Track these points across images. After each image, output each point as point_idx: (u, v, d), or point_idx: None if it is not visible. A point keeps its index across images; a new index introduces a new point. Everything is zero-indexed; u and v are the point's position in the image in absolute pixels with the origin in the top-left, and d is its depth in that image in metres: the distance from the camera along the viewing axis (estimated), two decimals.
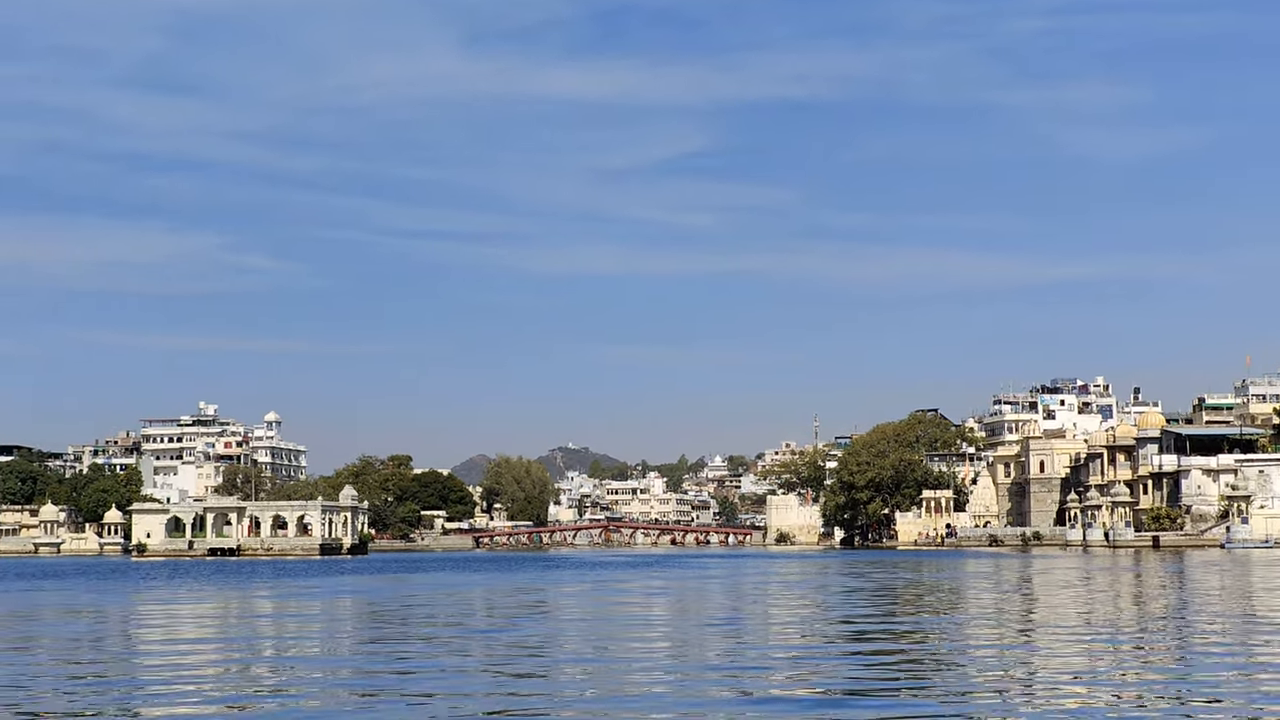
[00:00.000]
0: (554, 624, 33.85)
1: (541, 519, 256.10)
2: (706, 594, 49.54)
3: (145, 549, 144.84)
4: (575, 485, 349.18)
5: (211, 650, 27.06)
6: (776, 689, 19.52)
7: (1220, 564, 78.49)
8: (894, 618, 33.41)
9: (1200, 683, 19.83)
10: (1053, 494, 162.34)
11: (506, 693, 19.24)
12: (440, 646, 26.95)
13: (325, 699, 18.74)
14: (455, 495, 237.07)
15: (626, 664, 23.08)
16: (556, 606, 42.51)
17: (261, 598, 50.32)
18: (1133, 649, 25.43)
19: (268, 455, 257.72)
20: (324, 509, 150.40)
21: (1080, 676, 20.76)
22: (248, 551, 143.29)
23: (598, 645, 27.29)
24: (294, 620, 37.33)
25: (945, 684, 19.82)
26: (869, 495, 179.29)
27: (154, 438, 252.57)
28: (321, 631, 32.88)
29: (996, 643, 26.91)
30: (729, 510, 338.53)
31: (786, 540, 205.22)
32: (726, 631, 30.31)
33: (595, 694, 18.98)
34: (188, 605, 45.15)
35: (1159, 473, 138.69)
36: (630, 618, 36.29)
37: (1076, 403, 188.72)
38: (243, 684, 20.71)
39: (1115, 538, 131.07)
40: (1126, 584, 54.51)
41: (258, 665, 23.76)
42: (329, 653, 26.41)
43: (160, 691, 19.58)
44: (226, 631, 33.24)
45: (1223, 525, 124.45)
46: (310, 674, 22.09)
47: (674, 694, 18.86)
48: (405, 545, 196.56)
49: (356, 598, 49.38)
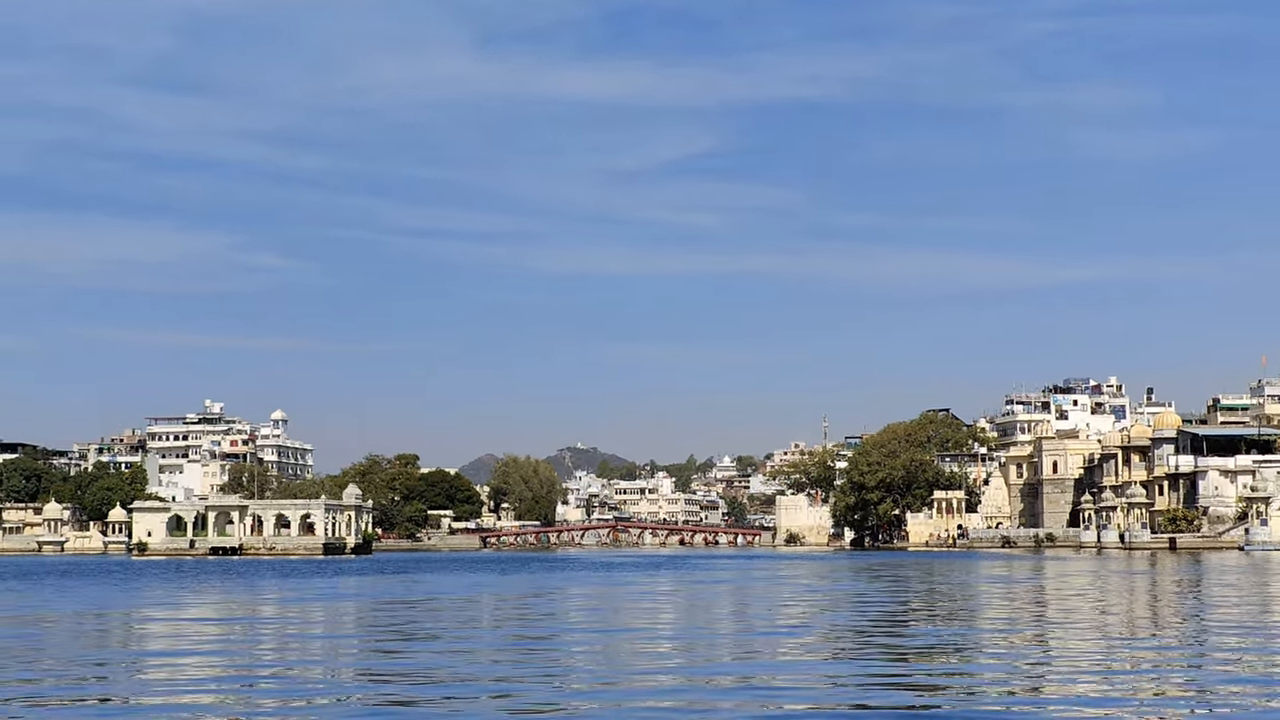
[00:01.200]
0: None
1: (549, 519, 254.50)
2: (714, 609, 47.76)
3: (146, 548, 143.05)
4: (583, 485, 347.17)
5: (162, 669, 25.17)
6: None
7: (1242, 567, 76.51)
8: (928, 659, 31.45)
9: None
10: (1066, 495, 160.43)
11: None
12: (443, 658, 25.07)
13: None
14: (462, 495, 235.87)
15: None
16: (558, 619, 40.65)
17: (249, 601, 48.49)
18: (1186, 667, 23.48)
19: (274, 454, 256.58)
20: (327, 508, 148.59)
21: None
22: (250, 551, 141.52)
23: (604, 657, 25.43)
24: (272, 629, 35.50)
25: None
26: (880, 496, 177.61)
27: (159, 435, 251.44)
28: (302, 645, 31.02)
29: (1019, 660, 24.98)
30: (738, 511, 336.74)
31: (796, 541, 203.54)
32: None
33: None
34: (160, 609, 43.29)
35: (1175, 474, 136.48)
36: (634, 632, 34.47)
37: (1089, 403, 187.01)
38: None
39: (1131, 540, 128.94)
40: (1164, 590, 52.50)
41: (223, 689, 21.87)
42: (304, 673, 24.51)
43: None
44: (179, 643, 31.31)
45: (1241, 527, 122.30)
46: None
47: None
48: (412, 545, 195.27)
49: (348, 601, 47.58)
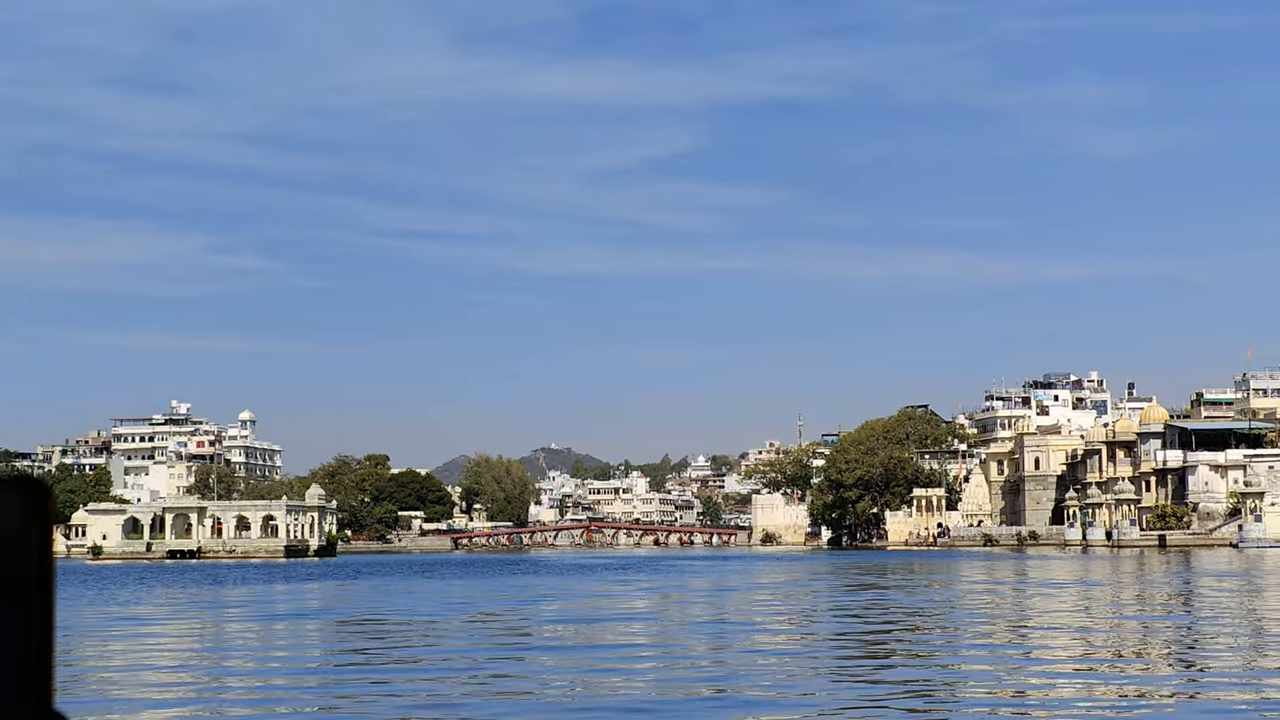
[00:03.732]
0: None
1: (522, 519, 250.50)
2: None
3: (101, 551, 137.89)
4: (557, 485, 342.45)
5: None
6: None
7: (1240, 566, 73.21)
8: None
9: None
10: (1048, 492, 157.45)
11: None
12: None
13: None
14: (433, 495, 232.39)
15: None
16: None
17: (171, 617, 44.36)
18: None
19: (241, 455, 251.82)
20: (289, 509, 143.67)
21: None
22: (209, 554, 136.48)
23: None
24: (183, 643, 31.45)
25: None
26: (858, 494, 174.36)
27: (125, 437, 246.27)
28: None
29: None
30: (713, 510, 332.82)
31: (773, 540, 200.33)
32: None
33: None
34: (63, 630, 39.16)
35: (1163, 469, 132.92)
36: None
37: (1071, 398, 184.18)
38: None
39: (1120, 537, 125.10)
40: (1175, 596, 48.91)
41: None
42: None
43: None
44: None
45: (1233, 523, 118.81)
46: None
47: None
48: (381, 547, 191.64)
49: (280, 621, 43.53)
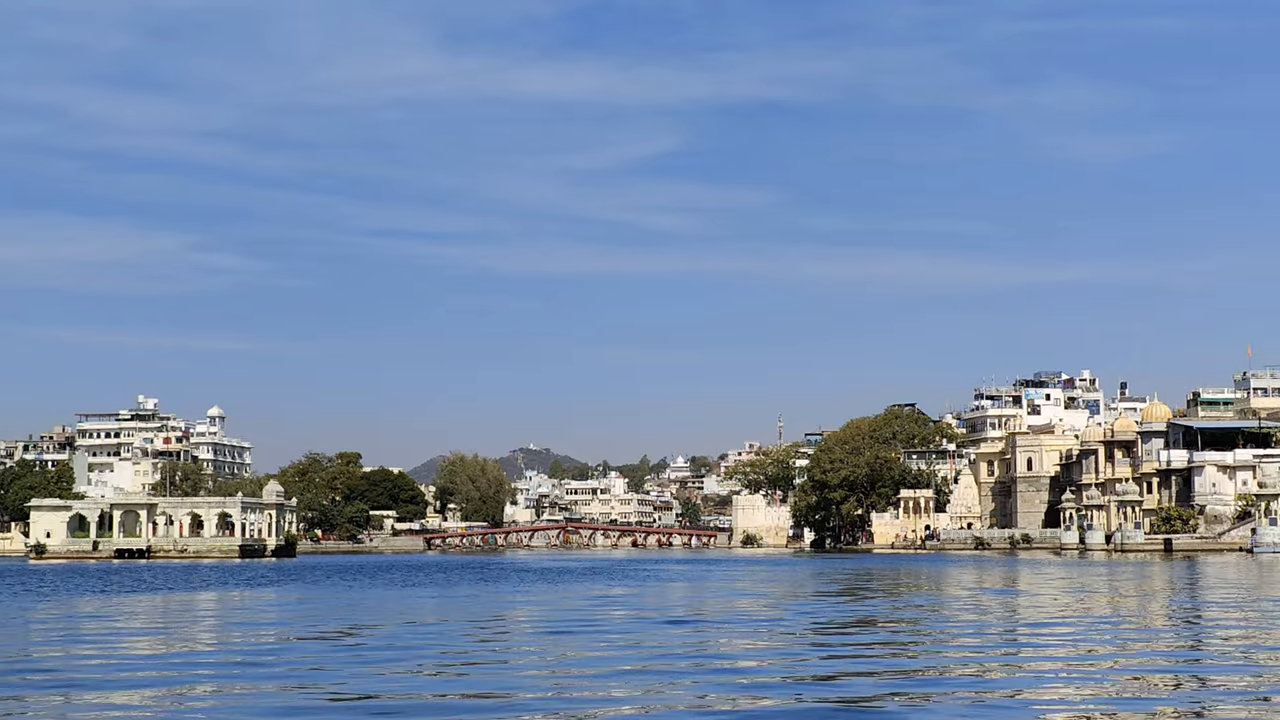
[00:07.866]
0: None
1: (497, 520, 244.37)
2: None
3: (44, 550, 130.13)
4: (533, 485, 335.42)
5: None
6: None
7: (1257, 574, 67.21)
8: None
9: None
10: (1041, 494, 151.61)
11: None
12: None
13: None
14: (406, 494, 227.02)
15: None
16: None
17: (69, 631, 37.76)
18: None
19: (209, 452, 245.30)
20: (245, 506, 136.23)
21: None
22: (159, 553, 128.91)
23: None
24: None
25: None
26: (843, 495, 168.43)
27: (90, 433, 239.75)
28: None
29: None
30: (692, 511, 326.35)
31: (754, 543, 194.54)
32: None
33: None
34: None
35: (1167, 469, 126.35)
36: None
37: (1062, 397, 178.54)
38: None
39: (1123, 541, 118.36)
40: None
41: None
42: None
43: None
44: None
45: (1244, 527, 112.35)
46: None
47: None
48: (352, 547, 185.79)
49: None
